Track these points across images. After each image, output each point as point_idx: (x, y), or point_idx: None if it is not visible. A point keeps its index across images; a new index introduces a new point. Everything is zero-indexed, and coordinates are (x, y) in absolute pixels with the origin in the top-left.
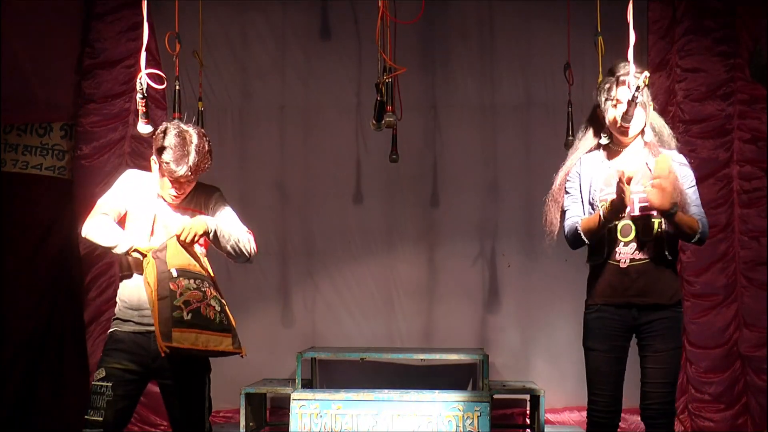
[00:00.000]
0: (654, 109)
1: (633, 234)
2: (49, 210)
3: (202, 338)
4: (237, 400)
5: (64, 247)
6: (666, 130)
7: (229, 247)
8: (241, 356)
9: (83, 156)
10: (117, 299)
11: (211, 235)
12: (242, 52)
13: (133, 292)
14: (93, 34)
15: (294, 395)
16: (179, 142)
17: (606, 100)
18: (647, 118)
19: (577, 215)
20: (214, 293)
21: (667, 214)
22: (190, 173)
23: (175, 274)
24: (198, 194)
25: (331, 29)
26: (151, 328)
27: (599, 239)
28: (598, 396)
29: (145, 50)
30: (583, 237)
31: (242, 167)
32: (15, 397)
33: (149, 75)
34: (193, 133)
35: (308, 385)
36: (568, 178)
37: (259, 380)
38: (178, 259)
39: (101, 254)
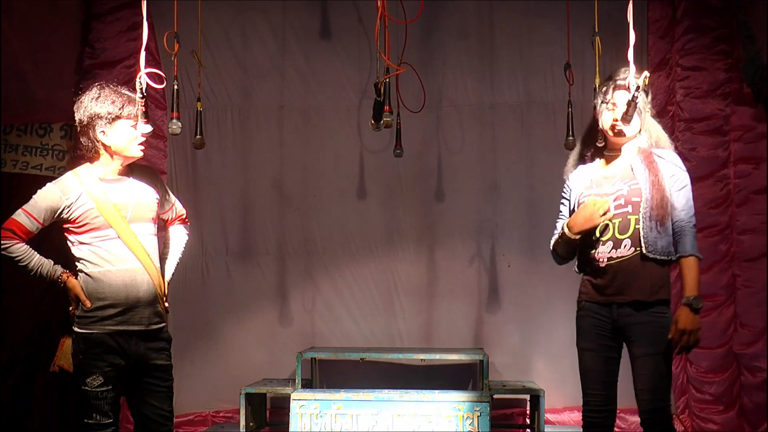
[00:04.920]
0: (652, 115)
1: (610, 233)
2: None
3: None
4: (237, 400)
5: (64, 247)
6: (664, 136)
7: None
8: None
9: (83, 156)
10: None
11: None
12: (242, 51)
13: (119, 290)
14: (93, 34)
15: (294, 395)
16: (110, 91)
17: (602, 103)
18: (643, 123)
19: (558, 232)
20: None
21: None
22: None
23: None
24: (133, 169)
25: (331, 29)
26: (135, 328)
27: (572, 250)
28: (590, 396)
29: (145, 50)
30: (556, 255)
31: (242, 167)
32: (14, 398)
33: (149, 75)
34: (103, 86)
35: (308, 385)
36: (563, 190)
37: (259, 380)
38: None
39: None
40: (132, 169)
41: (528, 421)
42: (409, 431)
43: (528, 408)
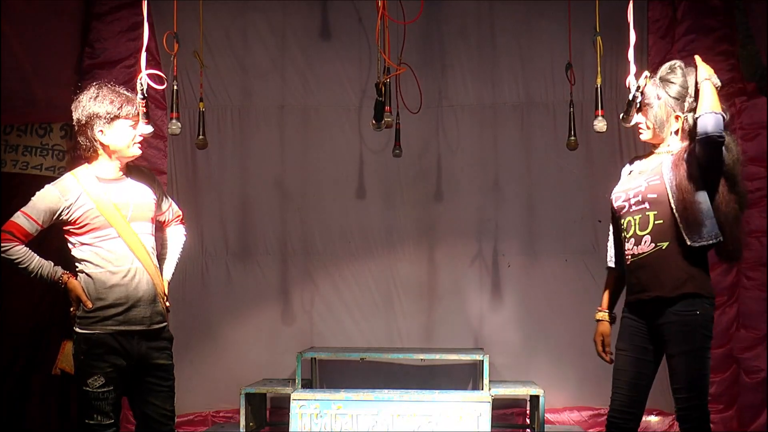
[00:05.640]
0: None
1: (633, 229)
2: None
3: None
4: (237, 400)
5: (64, 248)
6: None
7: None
8: None
9: (83, 156)
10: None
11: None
12: (242, 52)
13: (120, 289)
14: (93, 34)
15: (294, 395)
16: (108, 91)
17: None
18: (666, 126)
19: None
20: None
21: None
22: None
23: None
24: (131, 169)
25: (332, 29)
26: (137, 328)
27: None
28: (615, 395)
29: (145, 50)
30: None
31: (242, 167)
32: (13, 398)
33: (149, 75)
34: (101, 85)
35: (308, 385)
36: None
37: (259, 380)
38: None
39: None
40: (130, 170)
41: (528, 421)
42: (409, 431)
43: (528, 408)
